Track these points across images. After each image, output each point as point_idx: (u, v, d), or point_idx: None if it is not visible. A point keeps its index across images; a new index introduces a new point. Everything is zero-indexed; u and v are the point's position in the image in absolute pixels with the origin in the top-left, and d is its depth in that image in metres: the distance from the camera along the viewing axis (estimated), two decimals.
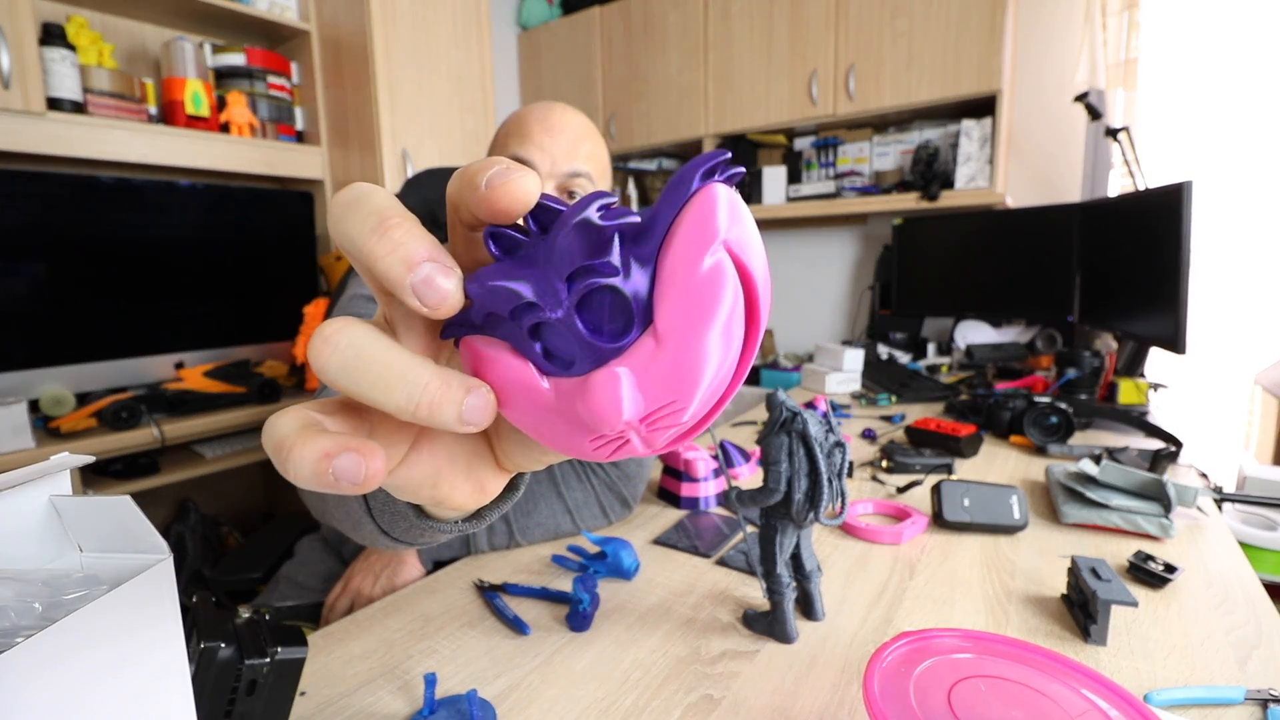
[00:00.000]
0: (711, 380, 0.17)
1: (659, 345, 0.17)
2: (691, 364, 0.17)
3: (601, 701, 0.51)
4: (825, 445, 0.56)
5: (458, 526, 0.32)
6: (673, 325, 0.17)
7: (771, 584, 0.58)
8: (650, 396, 0.17)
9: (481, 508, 0.32)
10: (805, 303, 2.61)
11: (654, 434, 0.18)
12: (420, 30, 1.91)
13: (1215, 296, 2.06)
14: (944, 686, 0.38)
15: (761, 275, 0.18)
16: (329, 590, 0.88)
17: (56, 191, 1.47)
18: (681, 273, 0.16)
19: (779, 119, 2.24)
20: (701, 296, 0.16)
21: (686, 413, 0.17)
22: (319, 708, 0.50)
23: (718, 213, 0.16)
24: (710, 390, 0.17)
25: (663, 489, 0.93)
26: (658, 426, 0.18)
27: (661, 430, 0.18)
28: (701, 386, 0.17)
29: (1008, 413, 1.20)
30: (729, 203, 0.17)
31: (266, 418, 0.79)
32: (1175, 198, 1.25)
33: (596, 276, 0.17)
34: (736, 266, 0.17)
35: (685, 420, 0.18)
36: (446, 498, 0.24)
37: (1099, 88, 2.04)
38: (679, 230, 0.17)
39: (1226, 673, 0.53)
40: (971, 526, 0.79)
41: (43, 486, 0.27)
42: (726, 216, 0.17)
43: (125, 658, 0.24)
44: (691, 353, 0.17)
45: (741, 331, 0.17)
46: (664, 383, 0.17)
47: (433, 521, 0.32)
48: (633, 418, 0.17)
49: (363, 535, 0.40)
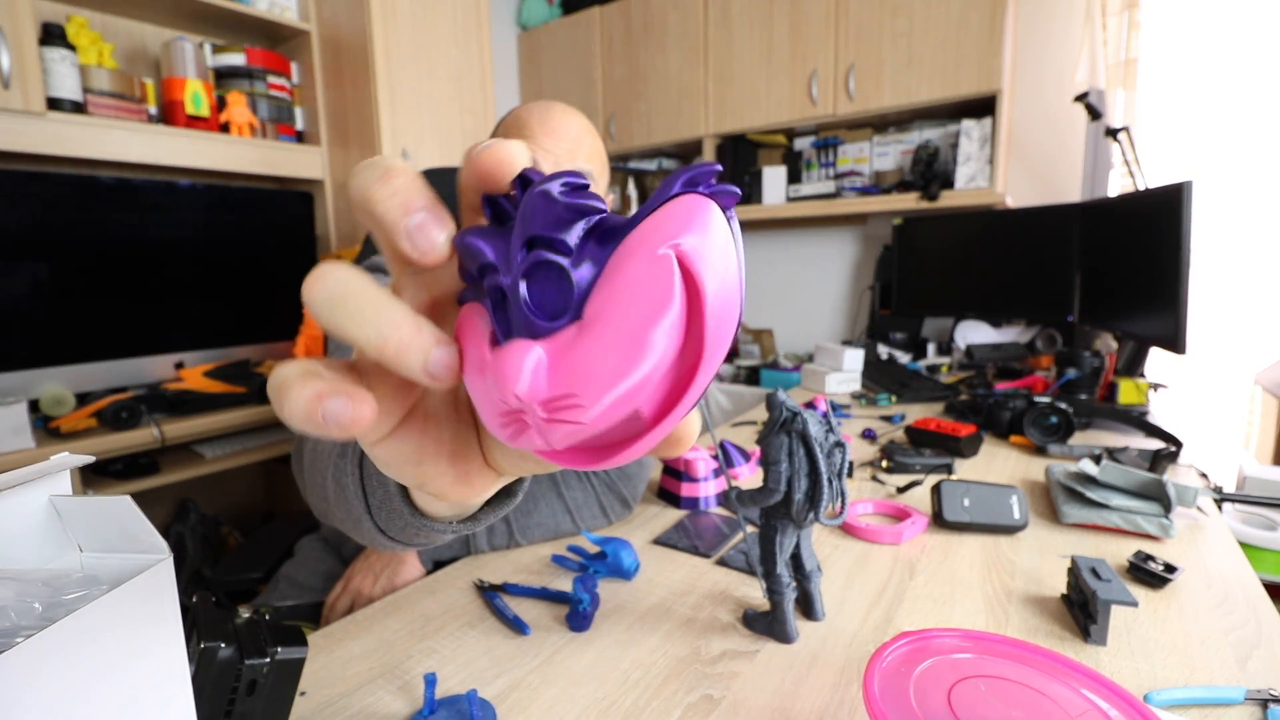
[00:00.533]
0: (624, 385, 0.16)
1: (579, 333, 0.16)
2: (602, 358, 0.16)
3: (601, 701, 0.51)
4: (825, 445, 0.56)
5: (452, 527, 0.32)
6: (595, 314, 0.16)
7: (771, 584, 0.58)
8: (555, 382, 0.17)
9: (476, 512, 0.32)
10: (805, 303, 2.61)
11: (551, 425, 0.17)
12: (420, 30, 1.91)
13: (1215, 296, 2.06)
14: (944, 686, 0.38)
15: (715, 293, 0.16)
16: (329, 590, 0.88)
17: (56, 191, 1.47)
18: (620, 265, 0.16)
19: (779, 119, 2.24)
20: (629, 291, 0.16)
21: (585, 412, 0.16)
22: (319, 708, 0.50)
23: (680, 217, 0.16)
24: (620, 396, 0.16)
25: (663, 489, 0.93)
26: (555, 418, 0.17)
27: (558, 424, 0.17)
28: (607, 387, 0.16)
29: (1008, 413, 1.20)
30: (701, 212, 0.16)
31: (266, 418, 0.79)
32: (1175, 198, 1.25)
33: (545, 250, 0.17)
34: (685, 275, 0.16)
35: (585, 420, 0.16)
36: (430, 480, 0.24)
37: (1099, 88, 2.04)
38: (637, 228, 0.17)
39: (1226, 673, 0.53)
40: (971, 526, 0.79)
41: (43, 486, 0.27)
42: (691, 223, 0.16)
43: (125, 657, 0.24)
44: (604, 346, 0.16)
45: (670, 343, 0.16)
46: (572, 372, 0.16)
47: (427, 520, 0.32)
48: (529, 396, 0.17)
49: (362, 534, 0.40)
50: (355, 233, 2.00)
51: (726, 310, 0.17)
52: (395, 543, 0.38)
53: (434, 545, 0.37)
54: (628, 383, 0.16)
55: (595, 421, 0.17)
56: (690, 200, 0.17)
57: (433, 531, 0.33)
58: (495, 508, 0.32)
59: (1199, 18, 1.98)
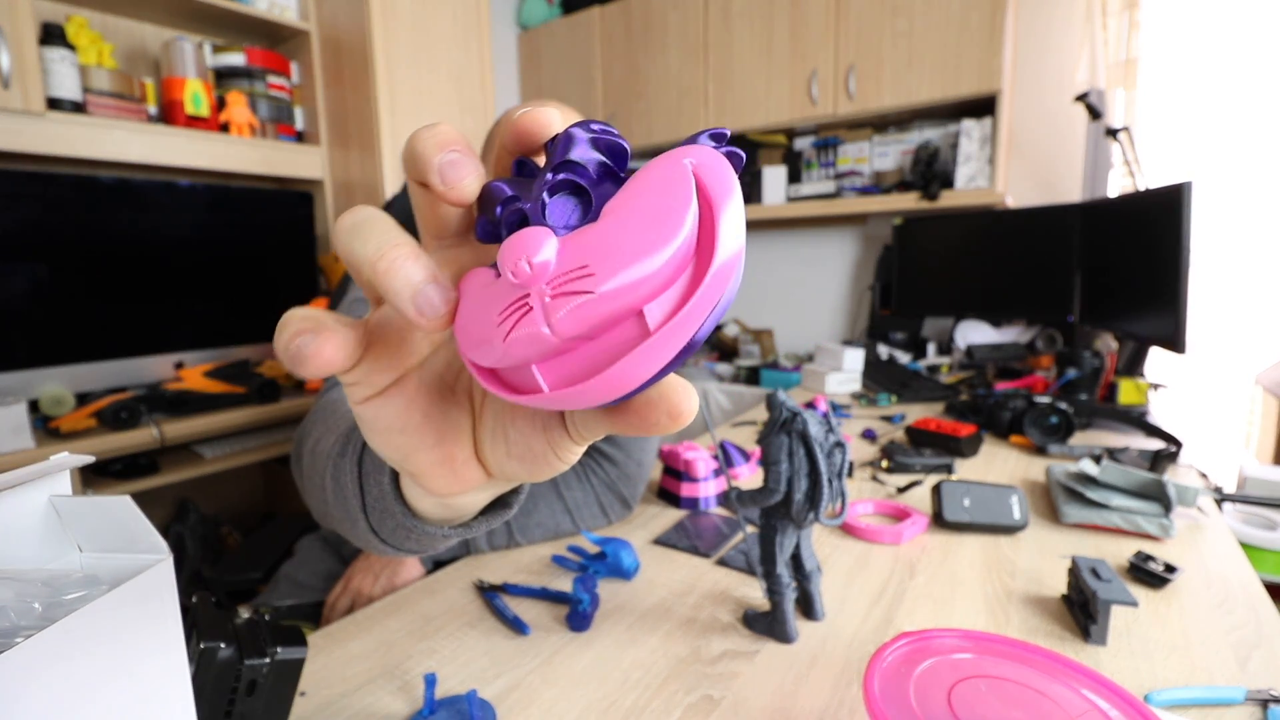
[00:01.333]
0: (638, 262, 0.16)
1: (595, 223, 0.18)
2: (618, 237, 0.17)
3: (601, 701, 0.51)
4: (825, 445, 0.56)
5: (443, 532, 0.32)
6: (613, 208, 0.17)
7: (771, 584, 0.58)
8: (567, 259, 0.17)
9: (470, 520, 0.31)
10: (805, 303, 2.61)
11: (558, 300, 0.17)
12: (420, 30, 1.91)
13: (1215, 296, 2.06)
14: (944, 687, 0.38)
15: (725, 218, 0.17)
16: (329, 590, 0.88)
17: (56, 191, 1.47)
18: (640, 174, 0.18)
19: (779, 119, 2.24)
20: (647, 183, 0.17)
21: (597, 281, 0.16)
22: (319, 708, 0.50)
23: (696, 152, 0.18)
24: (633, 275, 0.16)
25: (663, 489, 0.93)
26: (563, 290, 0.17)
27: (567, 297, 0.17)
28: (622, 261, 0.16)
29: (1008, 413, 1.20)
30: (715, 155, 0.17)
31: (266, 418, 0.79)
32: (1175, 198, 1.25)
33: (570, 172, 0.18)
34: (700, 187, 0.17)
35: (596, 291, 0.16)
36: (412, 455, 0.25)
37: (1099, 88, 2.04)
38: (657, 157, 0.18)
39: (1226, 673, 0.53)
40: (972, 526, 0.79)
41: (43, 486, 0.27)
42: (706, 154, 0.17)
43: (125, 658, 0.24)
44: (621, 227, 0.17)
45: (682, 235, 0.16)
46: (586, 249, 0.17)
47: (418, 521, 0.31)
48: (539, 269, 0.17)
49: (357, 535, 0.40)
50: None
51: (733, 241, 0.17)
52: (388, 546, 0.38)
53: (427, 552, 0.37)
54: (642, 259, 0.16)
55: (605, 299, 0.16)
56: (704, 147, 0.18)
57: (424, 535, 0.32)
58: (489, 517, 0.31)
59: (1199, 18, 1.98)
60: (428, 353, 0.25)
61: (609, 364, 0.17)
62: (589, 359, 0.18)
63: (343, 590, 0.81)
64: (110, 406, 1.41)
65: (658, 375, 0.17)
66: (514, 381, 0.19)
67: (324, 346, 0.20)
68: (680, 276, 0.17)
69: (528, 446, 0.24)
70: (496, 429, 0.25)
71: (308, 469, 0.52)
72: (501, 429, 0.25)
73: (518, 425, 0.24)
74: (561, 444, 0.23)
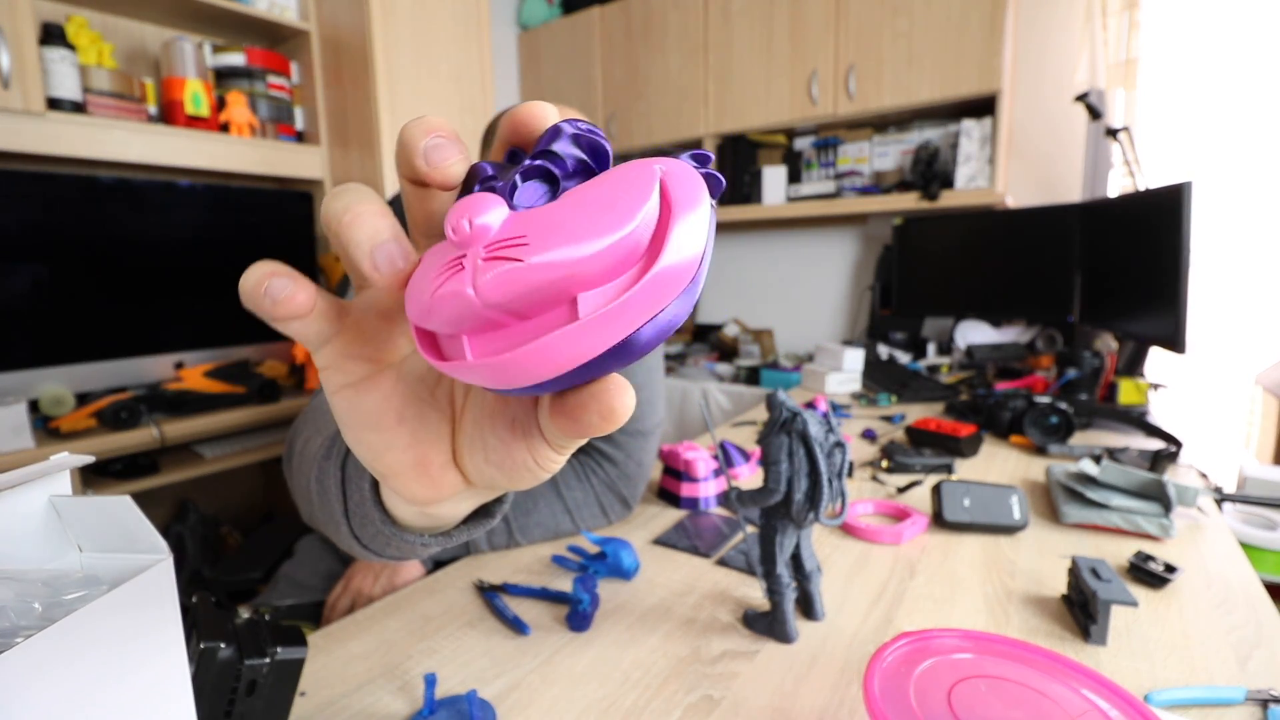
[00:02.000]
0: (576, 240, 0.16)
1: (549, 204, 0.18)
2: (562, 216, 0.17)
3: (601, 702, 0.51)
4: (825, 445, 0.56)
5: (422, 540, 0.31)
6: (572, 193, 0.18)
7: (771, 584, 0.58)
8: (510, 228, 0.17)
9: (451, 529, 0.31)
10: (805, 303, 2.61)
11: (488, 264, 0.17)
12: (420, 30, 1.91)
13: (1215, 296, 2.06)
14: (944, 687, 0.38)
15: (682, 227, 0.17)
16: (329, 589, 0.88)
17: (57, 192, 1.47)
18: (610, 170, 0.18)
19: (779, 119, 2.24)
20: (611, 179, 0.17)
21: (529, 251, 0.16)
22: (319, 708, 0.50)
23: (675, 161, 0.18)
24: (566, 253, 0.16)
25: (663, 489, 0.93)
26: (496, 254, 0.17)
27: (496, 261, 0.17)
28: (558, 238, 0.16)
29: (1008, 413, 1.20)
30: (689, 171, 0.18)
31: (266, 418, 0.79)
32: (1175, 198, 1.25)
33: (545, 160, 0.19)
34: (663, 192, 0.17)
35: (525, 260, 0.16)
36: (385, 455, 0.24)
37: (1099, 88, 2.04)
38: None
39: (1227, 673, 0.53)
40: (972, 526, 0.79)
41: (43, 486, 0.27)
42: (678, 168, 0.18)
43: (125, 658, 0.24)
44: (569, 209, 0.17)
45: (627, 228, 0.16)
46: (528, 221, 0.17)
47: (397, 529, 0.31)
48: (479, 230, 0.17)
49: (341, 539, 0.39)
50: None
51: (686, 249, 0.17)
52: (369, 552, 0.37)
53: (409, 559, 0.36)
54: (581, 242, 0.16)
55: (533, 270, 0.16)
56: (683, 164, 0.18)
57: (404, 543, 0.31)
58: (470, 526, 0.31)
59: (1199, 18, 1.98)
60: (408, 351, 0.24)
61: (534, 339, 0.17)
62: (516, 337, 0.18)
63: (343, 590, 0.81)
64: (110, 406, 1.41)
65: (589, 370, 0.17)
66: (446, 350, 0.19)
67: (298, 291, 0.20)
68: (625, 273, 0.17)
69: (507, 453, 0.23)
70: (475, 435, 0.24)
71: (296, 470, 0.52)
72: (480, 435, 0.24)
73: (497, 432, 0.23)
74: (540, 451, 0.23)
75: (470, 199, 0.18)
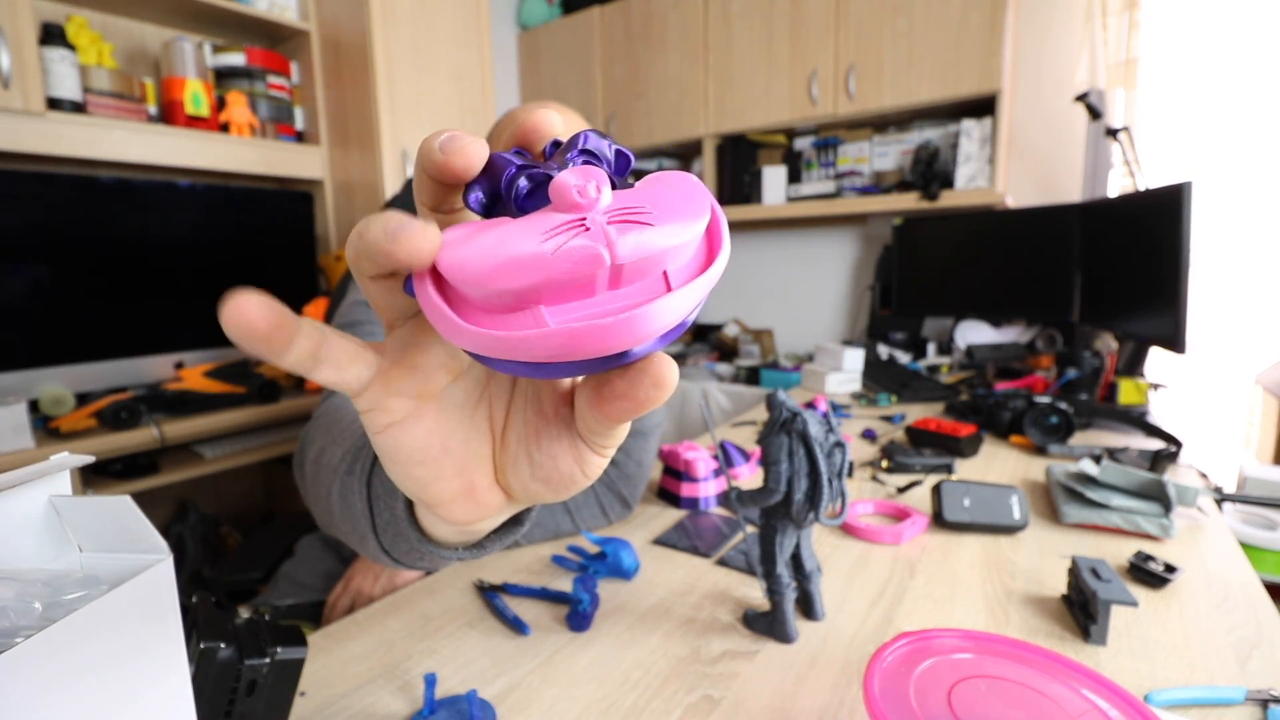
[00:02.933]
0: (682, 220, 0.18)
1: (633, 188, 0.20)
2: (659, 199, 0.19)
3: (601, 702, 0.51)
4: (825, 445, 0.56)
5: (458, 554, 0.31)
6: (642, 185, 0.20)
7: (771, 584, 0.58)
8: (623, 199, 0.18)
9: (483, 540, 0.31)
10: (805, 303, 2.61)
11: (618, 225, 0.17)
12: (420, 30, 1.91)
13: (1215, 296, 2.06)
14: (944, 687, 0.38)
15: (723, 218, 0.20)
16: (329, 589, 0.88)
17: (57, 191, 1.47)
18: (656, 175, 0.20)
19: (779, 119, 2.24)
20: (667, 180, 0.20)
21: (655, 219, 0.18)
22: (319, 708, 0.50)
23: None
24: (681, 231, 0.18)
25: (663, 489, 0.93)
26: (624, 219, 0.18)
27: (628, 224, 0.17)
28: (672, 215, 0.18)
29: (1008, 413, 1.20)
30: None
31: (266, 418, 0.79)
32: (1175, 198, 1.25)
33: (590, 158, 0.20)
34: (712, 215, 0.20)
35: (654, 224, 0.18)
36: (432, 485, 0.24)
37: (1099, 88, 2.04)
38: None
39: (1227, 673, 0.53)
40: (972, 526, 0.79)
41: (43, 486, 0.27)
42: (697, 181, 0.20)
43: (125, 658, 0.24)
44: (658, 194, 0.19)
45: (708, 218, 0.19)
46: (638, 196, 0.19)
47: (433, 546, 0.31)
48: (601, 193, 0.18)
49: (367, 550, 0.40)
50: None
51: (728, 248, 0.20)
52: (398, 564, 0.37)
53: (437, 568, 0.37)
54: (686, 221, 0.18)
55: (661, 235, 0.18)
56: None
57: (438, 558, 0.32)
58: (501, 536, 0.31)
59: (1199, 18, 1.98)
60: (446, 383, 0.24)
61: (627, 310, 0.18)
62: (603, 305, 0.18)
63: (343, 590, 0.81)
64: (110, 406, 1.41)
65: (652, 345, 0.19)
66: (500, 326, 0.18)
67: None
68: (695, 255, 0.19)
69: (555, 466, 0.24)
70: (520, 453, 0.25)
71: (311, 479, 0.51)
72: (526, 452, 0.25)
73: (543, 446, 0.24)
74: (586, 457, 0.24)
75: (578, 170, 0.18)
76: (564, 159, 0.20)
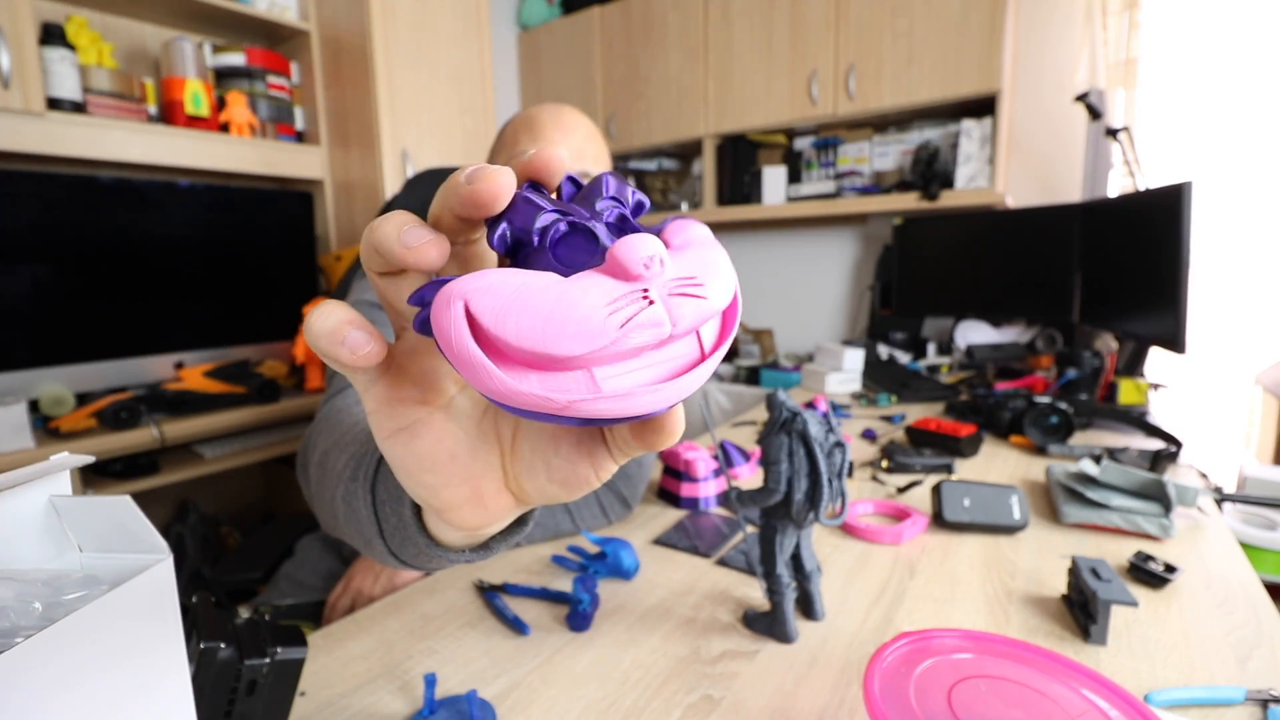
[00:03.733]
0: (724, 288, 0.20)
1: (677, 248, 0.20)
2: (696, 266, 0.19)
3: (601, 701, 0.51)
4: (825, 445, 0.56)
5: (465, 556, 0.32)
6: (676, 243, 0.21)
7: (771, 584, 0.58)
8: (678, 266, 0.19)
9: (488, 540, 0.32)
10: (805, 303, 2.61)
11: (679, 299, 0.18)
12: (420, 30, 1.91)
13: (1215, 296, 2.06)
14: (944, 687, 0.38)
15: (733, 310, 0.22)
16: (329, 589, 0.88)
17: (57, 191, 1.47)
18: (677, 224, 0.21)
19: (779, 119, 2.24)
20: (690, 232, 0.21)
21: (706, 291, 0.19)
22: (319, 708, 0.50)
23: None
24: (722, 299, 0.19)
25: (663, 489, 0.93)
26: (682, 291, 0.18)
27: (686, 297, 0.18)
28: (716, 283, 0.19)
29: (1008, 413, 1.20)
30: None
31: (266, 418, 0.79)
32: (1175, 198, 1.25)
33: (620, 207, 0.21)
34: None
35: (707, 297, 0.19)
36: (440, 491, 0.25)
37: (1099, 88, 2.04)
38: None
39: (1227, 673, 0.53)
40: (972, 526, 0.79)
41: (43, 486, 0.27)
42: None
43: (125, 658, 0.24)
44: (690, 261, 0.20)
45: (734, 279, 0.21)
46: (689, 263, 0.19)
47: (441, 550, 0.31)
48: (660, 267, 0.18)
49: (373, 552, 0.40)
50: (355, 233, 2.00)
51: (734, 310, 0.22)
52: (405, 565, 0.37)
53: (442, 568, 0.37)
54: (727, 288, 0.20)
55: (712, 307, 0.19)
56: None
57: (446, 560, 0.32)
58: (506, 537, 0.32)
59: (1199, 18, 1.98)
60: (454, 393, 0.25)
61: (670, 376, 0.19)
62: (647, 366, 0.19)
63: (343, 590, 0.81)
64: (110, 406, 1.41)
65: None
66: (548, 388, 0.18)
67: (373, 344, 0.20)
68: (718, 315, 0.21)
69: (573, 470, 0.25)
70: (535, 459, 0.25)
71: (315, 483, 0.51)
72: (542, 458, 0.25)
73: (562, 452, 0.25)
74: (603, 464, 0.24)
75: (643, 238, 0.18)
76: (593, 206, 0.20)
